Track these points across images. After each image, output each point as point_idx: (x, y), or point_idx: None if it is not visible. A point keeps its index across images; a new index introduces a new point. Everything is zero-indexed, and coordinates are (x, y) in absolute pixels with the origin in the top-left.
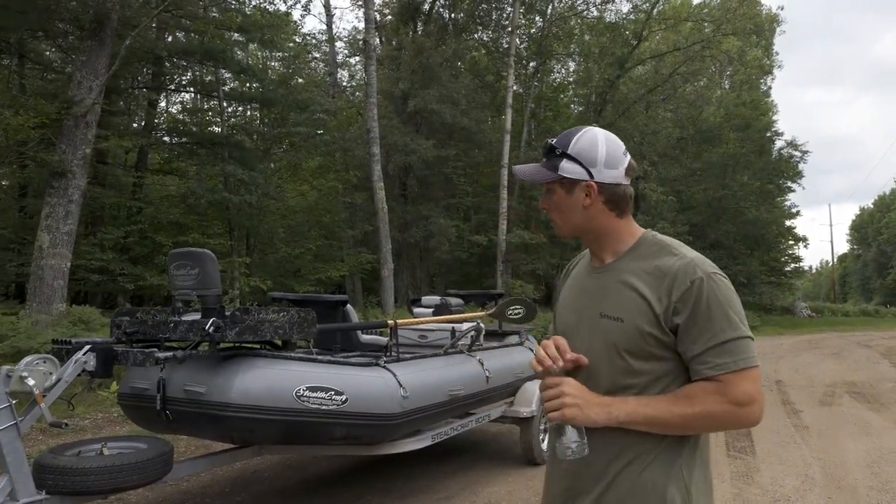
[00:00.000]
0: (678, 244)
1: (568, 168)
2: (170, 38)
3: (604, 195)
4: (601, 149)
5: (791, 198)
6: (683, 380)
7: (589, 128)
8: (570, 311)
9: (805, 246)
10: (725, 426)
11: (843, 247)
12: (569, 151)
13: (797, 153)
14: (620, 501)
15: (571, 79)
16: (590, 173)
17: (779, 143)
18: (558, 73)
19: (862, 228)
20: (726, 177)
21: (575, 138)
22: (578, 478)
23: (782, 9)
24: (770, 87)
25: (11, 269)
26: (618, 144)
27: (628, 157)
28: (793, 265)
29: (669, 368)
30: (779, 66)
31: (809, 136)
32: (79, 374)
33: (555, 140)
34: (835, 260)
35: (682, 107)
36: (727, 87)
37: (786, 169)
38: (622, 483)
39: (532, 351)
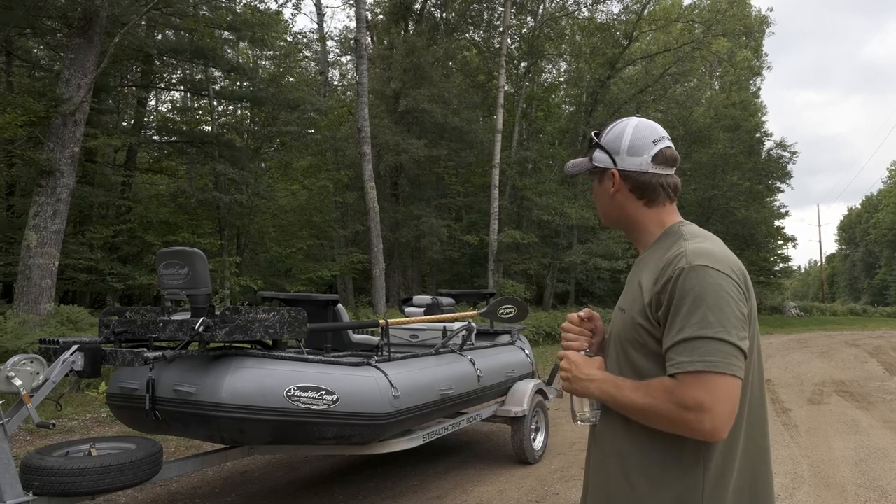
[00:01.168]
0: (697, 235)
1: (598, 157)
2: (159, 36)
3: (628, 183)
4: (626, 137)
5: (780, 198)
6: None
7: (629, 118)
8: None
9: (794, 246)
10: (673, 428)
11: (831, 247)
12: (601, 141)
13: (786, 154)
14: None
15: (563, 79)
16: (614, 161)
17: (768, 144)
18: (549, 73)
19: (850, 228)
20: (716, 177)
21: (609, 128)
22: (592, 468)
23: (771, 10)
24: (759, 89)
25: None
26: (648, 132)
27: (660, 145)
28: (782, 265)
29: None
30: (768, 68)
31: (798, 136)
32: (66, 375)
33: (597, 132)
34: (823, 260)
35: (672, 107)
36: (717, 87)
37: (775, 169)
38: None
39: (524, 351)
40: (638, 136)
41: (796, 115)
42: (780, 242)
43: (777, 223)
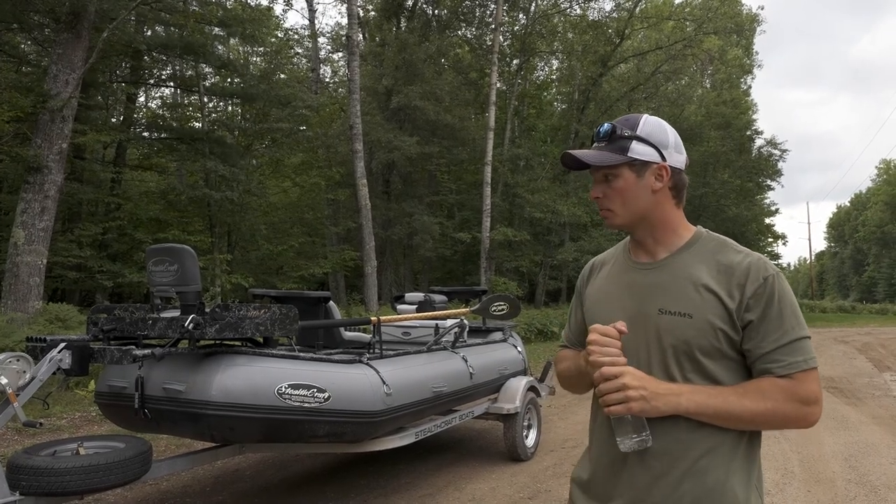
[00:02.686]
0: (734, 242)
1: (640, 150)
2: (149, 32)
3: (672, 180)
4: (671, 132)
5: (770, 196)
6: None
7: (643, 114)
8: (614, 310)
9: (784, 243)
10: (788, 425)
11: (820, 244)
12: (639, 133)
13: (776, 152)
14: None
15: (555, 76)
16: (662, 156)
17: (758, 142)
18: (541, 70)
19: (839, 226)
20: (707, 175)
21: (641, 121)
22: (643, 485)
23: (762, 9)
24: (750, 87)
25: None
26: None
27: None
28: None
29: (734, 374)
30: (759, 66)
31: (788, 134)
32: (54, 373)
33: (616, 123)
34: (812, 257)
35: (663, 105)
36: (708, 85)
37: (765, 167)
38: (692, 491)
39: (516, 348)
40: (677, 135)
41: (786, 114)
42: (770, 240)
43: (767, 221)
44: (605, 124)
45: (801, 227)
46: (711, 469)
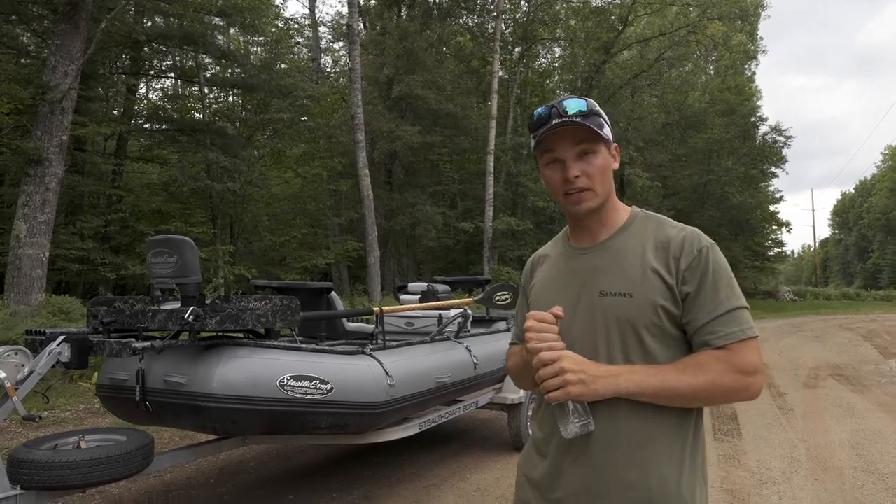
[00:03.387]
0: (669, 219)
1: (606, 128)
2: (148, 23)
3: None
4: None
5: (775, 183)
6: None
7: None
8: (557, 298)
9: (788, 231)
10: (731, 397)
11: (824, 231)
12: (600, 112)
13: (781, 138)
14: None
15: (557, 64)
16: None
17: (763, 129)
18: (544, 58)
19: (843, 213)
20: (711, 162)
21: (584, 101)
22: (586, 472)
23: None
24: (754, 73)
25: None
26: None
27: None
28: (776, 250)
29: (677, 353)
30: (763, 52)
31: (793, 121)
32: (53, 366)
33: (587, 99)
34: (817, 244)
35: (667, 92)
36: (712, 72)
37: (769, 154)
38: (640, 481)
39: None
40: None
41: (791, 100)
42: (774, 227)
43: (771, 208)
44: (577, 99)
45: (805, 215)
46: (655, 455)
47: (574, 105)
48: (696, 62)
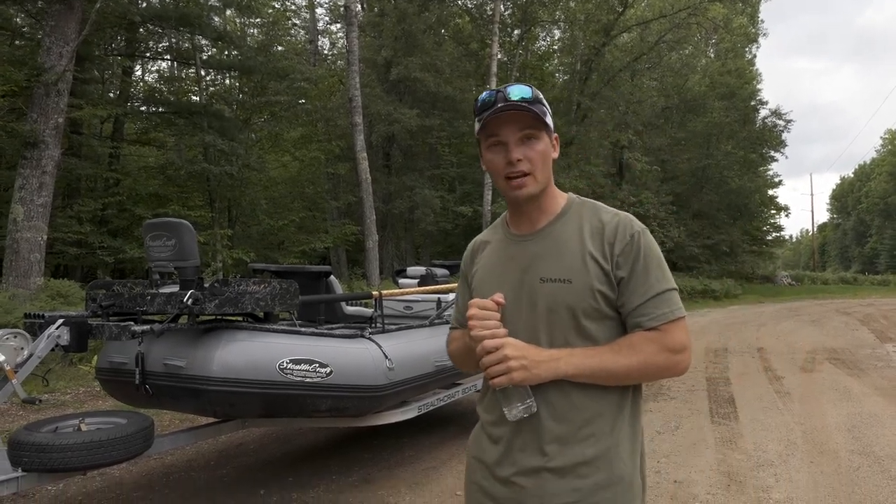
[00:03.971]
0: (603, 204)
1: (549, 118)
2: (143, 3)
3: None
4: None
5: (774, 167)
6: None
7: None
8: (498, 284)
9: (787, 215)
10: (662, 374)
11: (823, 216)
12: (541, 99)
13: (780, 122)
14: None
15: (556, 47)
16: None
17: (763, 112)
18: (543, 40)
19: (842, 198)
20: (710, 146)
21: (526, 88)
22: (531, 451)
23: None
24: (755, 56)
25: None
26: None
27: None
28: (774, 234)
29: (614, 333)
30: (764, 35)
31: (793, 104)
32: (52, 349)
33: (530, 86)
34: (815, 229)
35: (667, 75)
36: (712, 55)
37: (769, 138)
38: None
39: None
40: None
41: (791, 83)
42: (772, 212)
43: (770, 192)
44: (522, 86)
45: (804, 199)
46: (600, 429)
47: (518, 91)
48: (697, 45)
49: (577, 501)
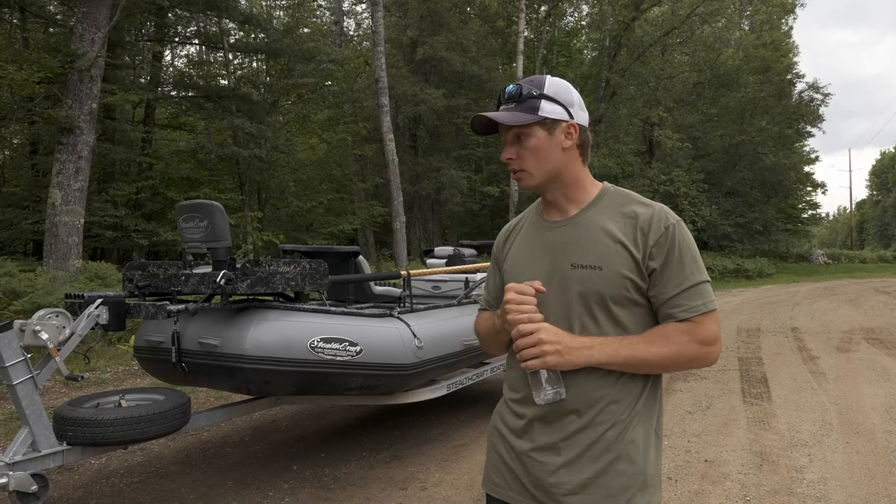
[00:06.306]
0: (638, 195)
1: (549, 108)
2: None
3: (579, 138)
4: (574, 92)
5: (810, 143)
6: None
7: (545, 75)
8: (531, 270)
9: (823, 192)
10: (691, 365)
11: (862, 193)
12: (546, 92)
13: (818, 96)
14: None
15: (584, 23)
16: (570, 113)
17: (799, 86)
18: (571, 16)
19: (882, 174)
20: (744, 122)
21: (547, 80)
22: (556, 429)
23: None
24: (791, 28)
25: (27, 226)
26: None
27: None
28: (810, 212)
29: (645, 321)
30: (801, 5)
31: (832, 78)
32: (92, 328)
33: (523, 83)
34: (853, 206)
35: (699, 50)
36: (747, 28)
37: (805, 113)
38: (603, 439)
39: None
40: (578, 94)
41: (830, 56)
42: (808, 189)
43: (806, 169)
44: (512, 85)
45: (841, 175)
46: (614, 417)
47: (509, 91)
48: (731, 17)
49: (591, 480)
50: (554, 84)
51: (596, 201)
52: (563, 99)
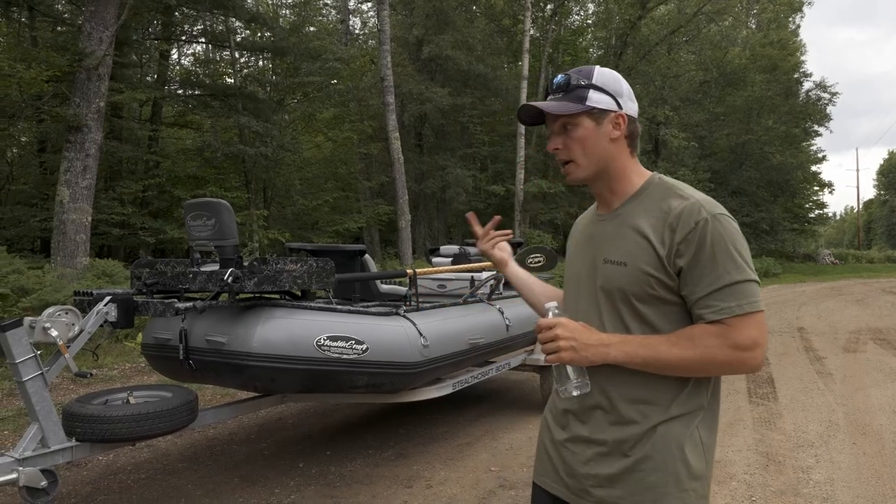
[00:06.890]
0: (686, 186)
1: (597, 98)
2: None
3: (628, 128)
4: (624, 81)
5: (817, 142)
6: None
7: (594, 65)
8: (578, 261)
9: (830, 192)
10: (725, 371)
11: (869, 192)
12: (595, 82)
13: (825, 95)
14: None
15: (590, 21)
16: (618, 104)
17: (807, 85)
18: (577, 15)
19: (890, 173)
20: (750, 121)
21: (596, 71)
22: (594, 428)
23: None
24: (799, 26)
25: (35, 223)
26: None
27: None
28: (817, 211)
29: (679, 321)
30: (808, 3)
31: (839, 76)
32: (101, 325)
33: (571, 73)
34: (860, 206)
35: (705, 48)
36: (754, 26)
37: (813, 112)
38: (643, 443)
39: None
40: (628, 84)
41: (837, 54)
42: (815, 188)
43: (813, 168)
44: (560, 75)
45: (848, 175)
46: (646, 416)
47: (557, 81)
48: (737, 16)
49: (618, 476)
50: (603, 74)
51: (637, 194)
52: (611, 89)
